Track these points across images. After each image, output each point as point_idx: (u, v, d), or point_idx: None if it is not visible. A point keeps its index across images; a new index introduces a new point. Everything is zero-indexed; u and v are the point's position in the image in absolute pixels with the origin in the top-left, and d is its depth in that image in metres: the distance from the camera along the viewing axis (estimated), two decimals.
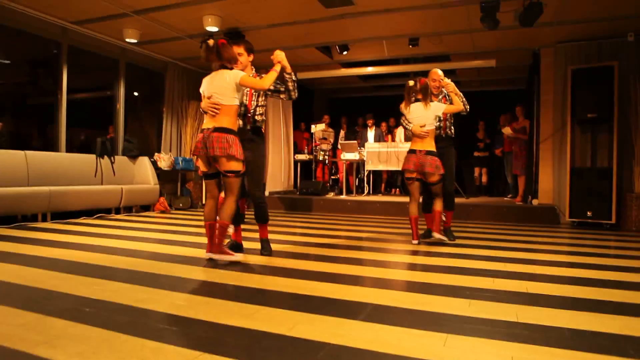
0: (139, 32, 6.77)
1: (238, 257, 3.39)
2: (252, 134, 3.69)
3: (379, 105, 11.69)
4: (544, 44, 7.01)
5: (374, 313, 2.20)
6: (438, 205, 4.38)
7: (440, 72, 4.62)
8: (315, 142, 9.28)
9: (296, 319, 2.10)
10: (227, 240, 3.86)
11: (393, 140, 9.31)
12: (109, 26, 6.60)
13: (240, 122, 3.63)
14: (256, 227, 3.92)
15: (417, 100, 4.39)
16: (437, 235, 4.37)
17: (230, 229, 3.72)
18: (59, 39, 6.59)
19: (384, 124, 9.74)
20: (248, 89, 3.64)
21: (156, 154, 7.94)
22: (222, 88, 3.22)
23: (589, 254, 4.04)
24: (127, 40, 6.94)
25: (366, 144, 8.78)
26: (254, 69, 3.75)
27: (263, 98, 3.74)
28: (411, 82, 4.38)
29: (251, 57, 3.67)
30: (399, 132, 9.32)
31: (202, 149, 3.24)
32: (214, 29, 6.37)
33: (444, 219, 4.61)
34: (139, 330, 1.91)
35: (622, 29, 6.15)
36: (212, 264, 3.33)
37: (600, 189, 6.09)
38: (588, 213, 6.14)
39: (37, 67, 7.16)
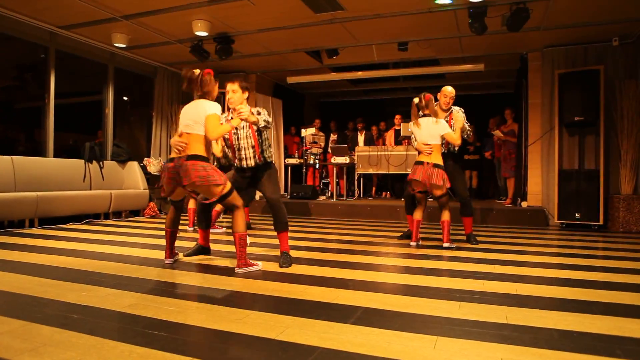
0: (128, 36, 6.74)
1: (260, 265, 3.33)
2: (265, 168, 3.67)
3: (370, 108, 11.76)
4: (531, 49, 7.10)
5: (364, 316, 2.20)
6: (446, 215, 4.43)
7: (450, 89, 4.69)
8: (305, 146, 9.28)
9: (286, 323, 2.09)
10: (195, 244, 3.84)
11: (384, 144, 9.34)
12: (97, 31, 6.55)
13: (252, 162, 3.61)
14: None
15: (424, 115, 4.47)
16: (446, 245, 4.35)
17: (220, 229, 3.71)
18: (47, 44, 6.53)
19: (374, 128, 9.77)
20: (250, 129, 3.57)
21: (145, 158, 7.89)
22: (197, 117, 3.12)
23: (577, 255, 4.08)
24: (116, 44, 6.90)
25: (357, 148, 8.80)
26: (249, 107, 3.54)
27: (265, 132, 3.66)
28: (416, 100, 4.47)
29: (246, 95, 3.53)
30: (389, 136, 9.36)
31: (174, 179, 3.14)
32: (204, 33, 6.36)
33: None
34: (127, 336, 1.90)
35: (607, 34, 6.25)
36: (197, 268, 3.31)
37: (588, 191, 6.17)
38: (576, 215, 6.20)
39: (25, 71, 7.08)
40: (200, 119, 3.11)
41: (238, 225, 3.21)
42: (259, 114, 3.48)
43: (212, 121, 3.07)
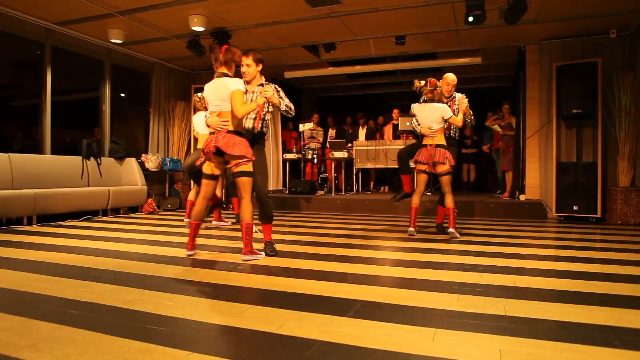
0: (124, 32, 6.70)
1: (263, 255, 3.52)
2: (258, 138, 3.86)
3: (368, 103, 11.73)
4: (528, 41, 7.08)
5: (363, 310, 2.21)
6: (449, 202, 4.54)
7: (452, 77, 4.87)
8: (303, 141, 9.27)
9: (285, 316, 2.10)
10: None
11: (382, 138, 9.32)
12: (93, 27, 6.52)
13: (250, 124, 3.78)
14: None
15: (425, 101, 4.62)
16: (451, 230, 4.53)
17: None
18: (42, 40, 6.50)
19: (371, 122, 9.76)
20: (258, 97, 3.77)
21: (143, 155, 7.88)
22: (223, 95, 3.33)
23: (575, 247, 4.09)
24: (112, 40, 6.86)
25: (355, 143, 8.79)
26: (263, 78, 3.88)
27: (269, 105, 3.86)
28: (422, 82, 4.63)
29: (260, 67, 3.79)
30: (387, 130, 9.34)
31: (214, 148, 3.33)
32: (200, 28, 6.34)
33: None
34: (126, 331, 1.90)
35: (605, 26, 6.24)
36: (197, 263, 3.32)
37: (586, 183, 6.18)
38: (574, 207, 6.21)
39: (21, 68, 7.04)
40: (226, 97, 3.32)
41: (245, 215, 3.38)
42: (279, 95, 3.78)
43: (237, 98, 3.28)
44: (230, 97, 3.29)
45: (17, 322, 2.00)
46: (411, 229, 4.72)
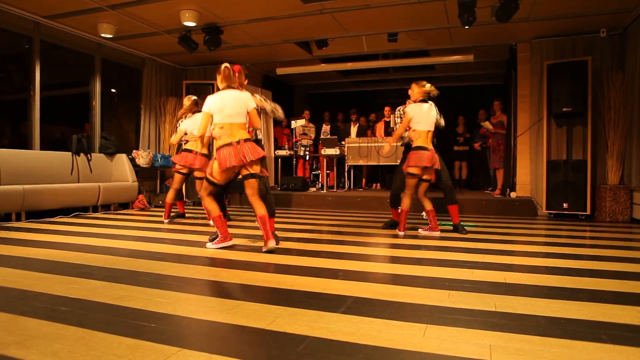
0: (115, 27, 6.63)
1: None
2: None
3: (360, 100, 11.74)
4: (520, 40, 7.12)
5: (354, 306, 2.21)
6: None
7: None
8: (295, 137, 9.25)
9: (276, 313, 2.09)
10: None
11: (373, 135, 9.33)
12: (83, 21, 6.44)
13: (260, 135, 4.38)
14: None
15: (422, 101, 4.61)
16: (400, 233, 4.57)
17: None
18: (31, 34, 6.41)
19: (362, 119, 9.76)
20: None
21: (134, 151, 7.81)
22: (239, 109, 3.67)
23: (564, 244, 4.13)
24: (103, 35, 6.79)
25: (347, 139, 8.78)
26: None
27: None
28: (428, 86, 4.64)
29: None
30: (379, 127, 9.35)
31: (237, 159, 3.57)
32: (192, 23, 6.29)
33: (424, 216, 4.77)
34: (116, 327, 1.88)
35: (595, 25, 6.29)
36: (188, 260, 3.31)
37: (576, 181, 6.24)
38: (564, 205, 6.27)
39: (8, 62, 6.95)
40: (242, 111, 3.67)
41: (262, 210, 3.66)
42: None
43: (254, 115, 3.77)
44: (251, 116, 3.72)
45: (4, 319, 1.97)
46: (401, 232, 4.56)
